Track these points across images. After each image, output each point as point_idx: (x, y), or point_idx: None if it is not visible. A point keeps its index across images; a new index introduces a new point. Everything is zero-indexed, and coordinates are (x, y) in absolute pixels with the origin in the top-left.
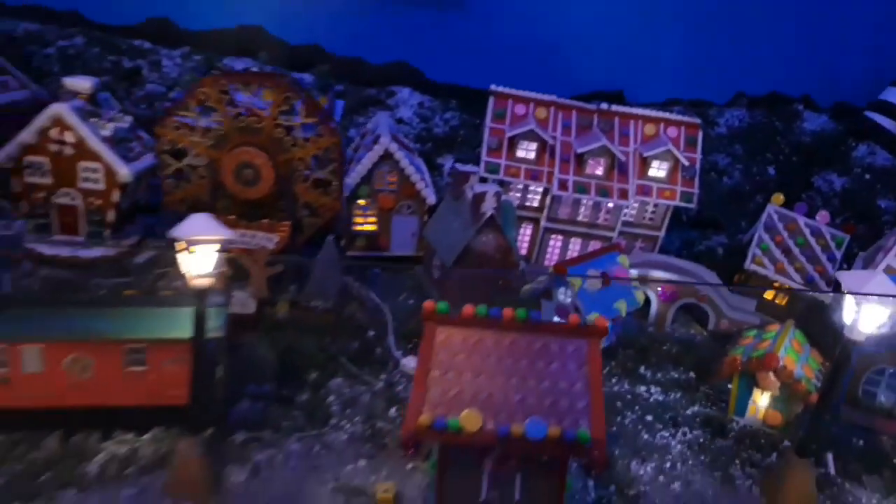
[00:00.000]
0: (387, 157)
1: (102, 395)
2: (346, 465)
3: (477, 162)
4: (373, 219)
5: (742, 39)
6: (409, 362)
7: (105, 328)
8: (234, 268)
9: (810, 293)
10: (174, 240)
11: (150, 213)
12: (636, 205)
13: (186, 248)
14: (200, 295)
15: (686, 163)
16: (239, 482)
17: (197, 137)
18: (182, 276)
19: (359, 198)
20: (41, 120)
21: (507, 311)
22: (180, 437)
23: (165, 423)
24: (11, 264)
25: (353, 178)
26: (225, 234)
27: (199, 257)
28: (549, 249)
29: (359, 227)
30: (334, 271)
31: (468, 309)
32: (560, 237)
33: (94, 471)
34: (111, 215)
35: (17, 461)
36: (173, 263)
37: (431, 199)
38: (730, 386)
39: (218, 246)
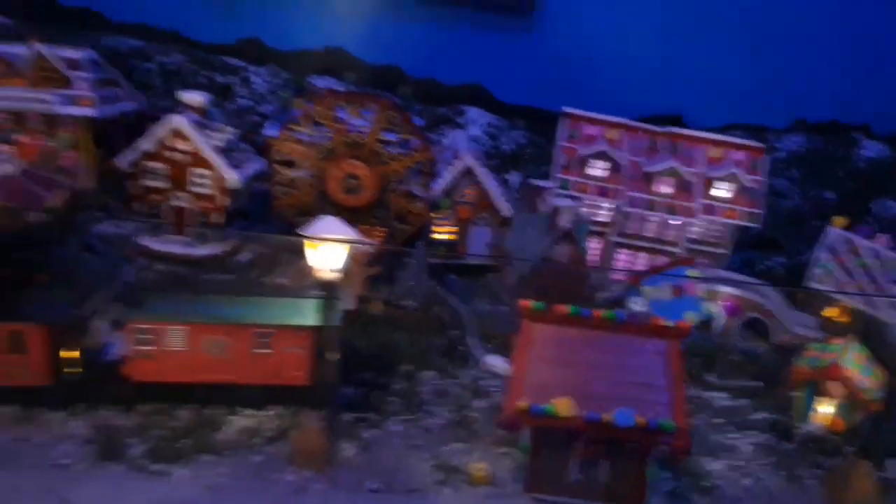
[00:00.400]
0: (467, 172)
1: (233, 373)
2: (441, 447)
3: (543, 178)
4: (451, 228)
5: (803, 67)
6: (491, 360)
7: (238, 314)
8: None
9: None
10: (305, 237)
11: (245, 218)
12: (701, 223)
13: (318, 246)
14: (327, 288)
15: (751, 185)
16: (350, 456)
17: (307, 150)
18: (283, 274)
19: (440, 209)
20: (161, 130)
21: (597, 311)
22: (299, 413)
23: (285, 400)
24: (127, 259)
25: (435, 191)
26: (353, 234)
27: (329, 254)
28: (617, 263)
29: (438, 236)
30: (423, 274)
31: (561, 308)
32: (627, 251)
33: (225, 439)
34: (218, 217)
35: (159, 428)
36: (273, 264)
37: (507, 211)
38: (795, 395)
39: (347, 245)
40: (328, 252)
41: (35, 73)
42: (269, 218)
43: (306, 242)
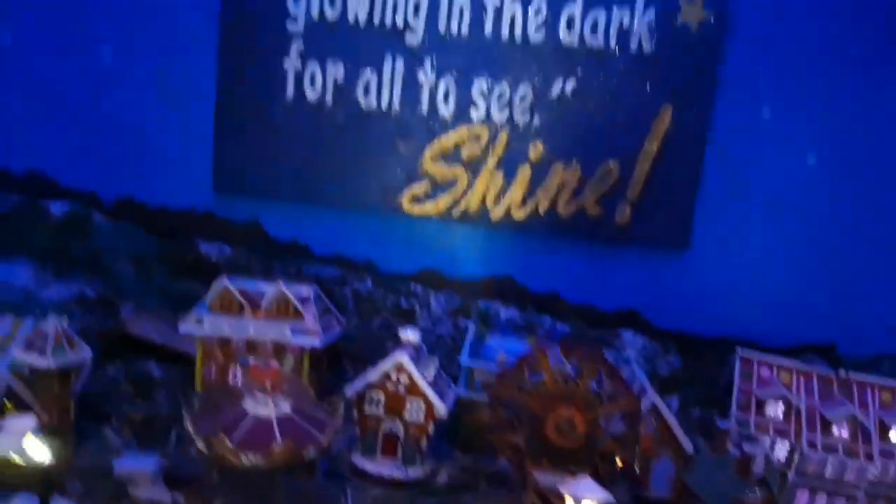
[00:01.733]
0: (651, 407)
1: None
2: None
3: (701, 404)
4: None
5: None
6: None
7: None
8: None
9: None
10: (565, 494)
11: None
12: (880, 466)
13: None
14: None
15: None
16: None
17: (523, 395)
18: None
19: None
20: (387, 364)
21: None
22: None
23: None
24: (346, 480)
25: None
26: (605, 497)
27: None
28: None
29: (620, 469)
30: None
31: None
32: (806, 491)
33: None
34: (424, 443)
35: None
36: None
37: (689, 447)
38: None
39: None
40: None
41: (274, 306)
42: (452, 440)
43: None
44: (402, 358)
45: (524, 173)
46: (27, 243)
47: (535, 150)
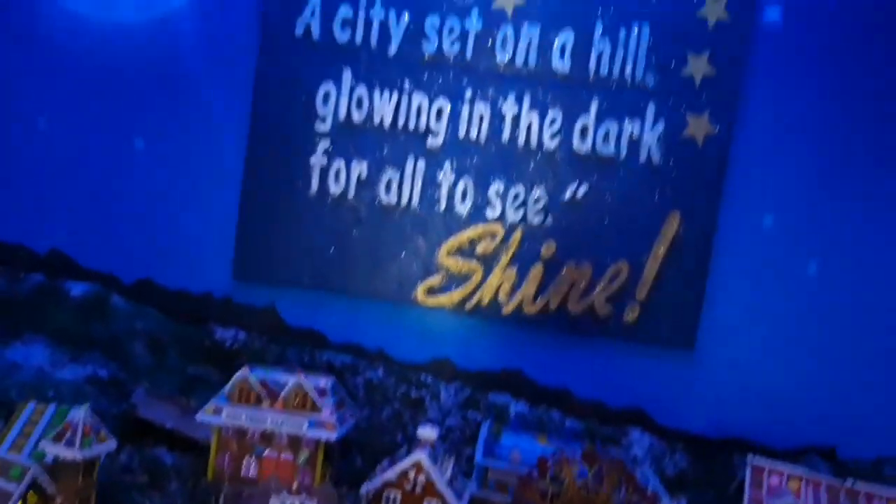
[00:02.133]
0: None
1: None
2: None
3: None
4: None
5: None
6: None
7: None
8: None
9: None
10: None
11: None
12: None
13: None
14: None
15: None
16: None
17: (545, 500)
18: None
19: None
20: (406, 463)
21: None
22: None
23: None
24: None
25: None
26: None
27: None
28: None
29: None
30: None
31: None
32: None
33: None
34: None
35: None
36: None
37: None
38: None
39: None
40: None
41: (292, 399)
42: None
43: None
44: (421, 457)
45: (537, 271)
46: (45, 324)
47: (548, 249)
